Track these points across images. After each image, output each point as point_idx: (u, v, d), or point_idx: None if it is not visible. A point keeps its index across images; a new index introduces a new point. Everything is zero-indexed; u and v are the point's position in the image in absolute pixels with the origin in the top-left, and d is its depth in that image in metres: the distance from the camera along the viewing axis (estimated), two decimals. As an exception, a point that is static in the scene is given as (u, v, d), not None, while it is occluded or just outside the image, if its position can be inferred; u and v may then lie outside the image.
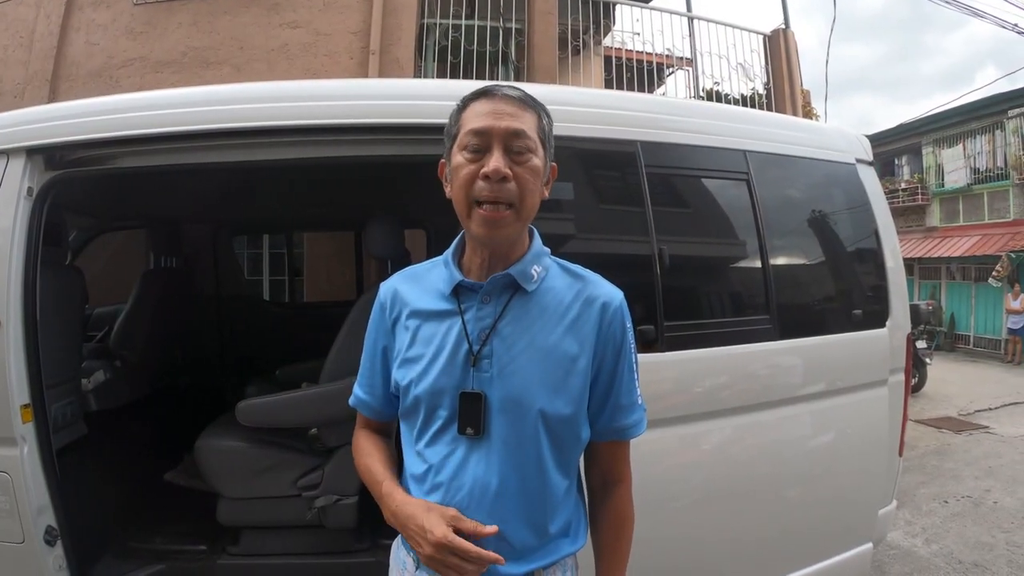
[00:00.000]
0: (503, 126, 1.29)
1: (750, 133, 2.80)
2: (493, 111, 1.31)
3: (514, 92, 1.34)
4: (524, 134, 1.30)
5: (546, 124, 1.38)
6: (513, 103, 1.32)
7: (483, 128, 1.29)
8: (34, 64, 6.69)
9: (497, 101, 1.32)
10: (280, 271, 7.72)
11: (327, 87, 2.69)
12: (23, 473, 2.24)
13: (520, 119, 1.31)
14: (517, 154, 1.30)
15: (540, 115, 1.37)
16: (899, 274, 3.15)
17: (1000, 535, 5.01)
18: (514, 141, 1.29)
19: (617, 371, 1.40)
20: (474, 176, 1.29)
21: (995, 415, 9.70)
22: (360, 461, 1.51)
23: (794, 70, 8.80)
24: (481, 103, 1.33)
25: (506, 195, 1.28)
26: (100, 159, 2.41)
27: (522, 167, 1.30)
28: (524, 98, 1.35)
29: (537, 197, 1.35)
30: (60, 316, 2.83)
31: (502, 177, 1.27)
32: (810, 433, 2.80)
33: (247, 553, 3.03)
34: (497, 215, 1.28)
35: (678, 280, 2.53)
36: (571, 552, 1.41)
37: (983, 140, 18.65)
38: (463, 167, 1.30)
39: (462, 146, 1.32)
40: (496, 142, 1.29)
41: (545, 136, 1.37)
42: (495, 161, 1.27)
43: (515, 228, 1.33)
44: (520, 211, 1.31)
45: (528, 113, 1.34)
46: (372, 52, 6.92)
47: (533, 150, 1.32)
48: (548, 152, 1.39)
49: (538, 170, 1.33)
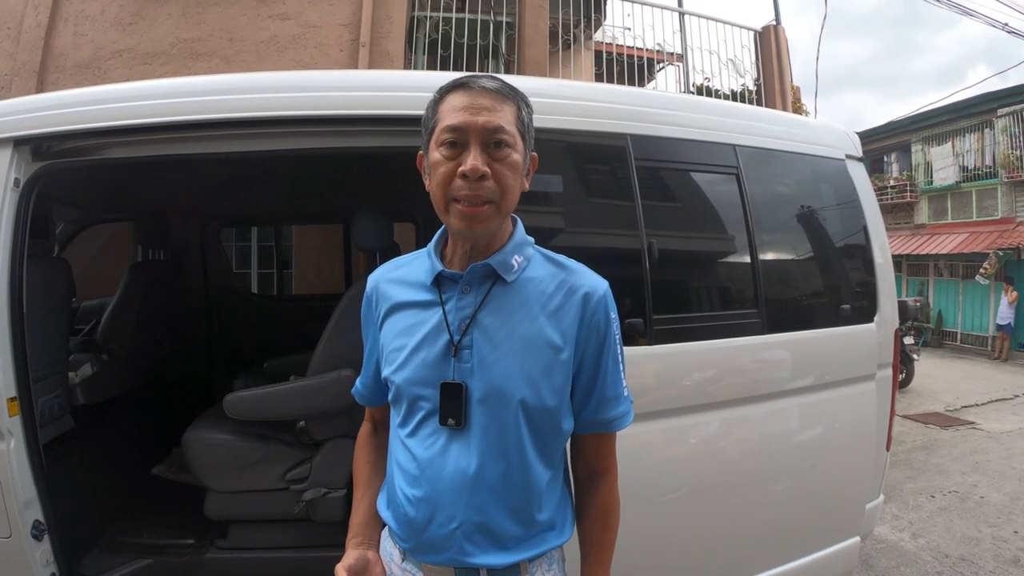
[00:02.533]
0: (480, 122, 1.26)
1: (740, 128, 2.80)
2: (470, 105, 1.28)
3: (491, 83, 1.31)
4: (502, 129, 1.28)
5: (525, 115, 1.35)
6: (490, 95, 1.30)
7: (459, 124, 1.26)
8: (22, 55, 6.62)
9: (474, 94, 1.29)
10: (268, 264, 7.68)
11: (316, 78, 2.68)
12: (9, 467, 2.22)
13: (498, 113, 1.28)
14: (496, 149, 1.28)
15: (519, 105, 1.34)
16: (887, 270, 3.17)
17: (986, 530, 5.06)
18: (492, 137, 1.27)
19: (601, 363, 1.39)
20: (452, 174, 1.26)
21: (982, 411, 9.78)
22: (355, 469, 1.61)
23: (784, 66, 8.82)
24: (458, 95, 1.30)
25: (485, 193, 1.26)
26: (88, 150, 2.39)
27: (501, 163, 1.28)
28: (502, 89, 1.32)
29: (517, 191, 1.33)
30: (47, 309, 2.81)
31: (480, 176, 1.25)
32: (798, 427, 2.81)
33: (235, 547, 3.02)
34: (476, 210, 1.27)
35: (667, 273, 2.53)
36: (557, 544, 1.40)
37: (972, 138, 18.71)
38: (440, 164, 1.28)
39: (439, 142, 1.29)
40: (473, 139, 1.26)
41: (524, 127, 1.35)
42: (472, 159, 1.25)
43: (495, 222, 1.31)
44: (500, 206, 1.29)
45: (506, 105, 1.31)
46: (362, 44, 6.89)
47: (512, 145, 1.29)
48: (528, 143, 1.36)
49: (517, 165, 1.31)
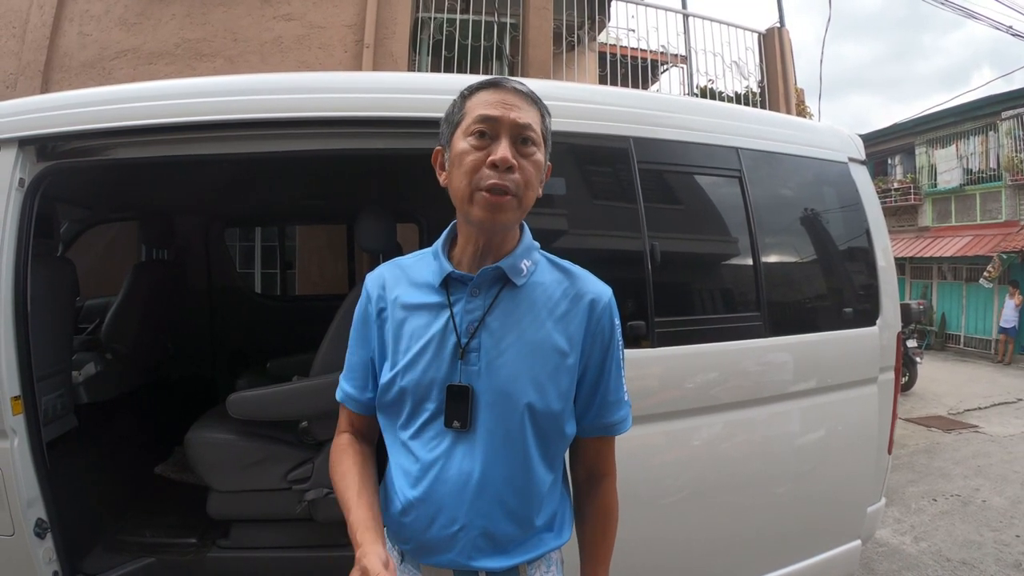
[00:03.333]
0: (513, 117, 1.29)
1: (743, 130, 2.81)
2: (502, 101, 1.30)
3: (521, 87, 1.34)
4: (531, 127, 1.30)
5: (548, 123, 1.39)
6: (521, 96, 1.32)
7: (494, 116, 1.28)
8: (26, 55, 6.63)
9: (505, 92, 1.32)
10: (272, 264, 7.71)
11: (321, 79, 2.69)
12: (13, 465, 2.23)
13: (528, 113, 1.31)
14: (523, 145, 1.30)
15: (543, 113, 1.37)
16: (890, 273, 3.17)
17: (988, 534, 5.04)
18: (522, 132, 1.30)
19: (605, 368, 1.40)
20: (480, 163, 1.28)
21: (985, 415, 9.76)
22: (336, 482, 1.43)
23: (788, 68, 8.81)
24: (489, 92, 1.32)
25: (511, 185, 1.27)
26: (92, 150, 2.40)
27: (527, 159, 1.30)
28: (530, 94, 1.34)
29: (536, 191, 1.34)
30: (51, 308, 2.82)
31: (509, 167, 1.26)
32: (800, 430, 2.81)
33: (237, 546, 3.03)
34: (501, 200, 1.27)
35: (669, 276, 2.54)
36: (556, 546, 1.41)
37: (976, 141, 18.66)
38: (468, 153, 1.29)
39: (468, 132, 1.30)
40: (505, 132, 1.28)
41: (547, 134, 1.38)
42: (503, 150, 1.26)
43: (515, 216, 1.32)
44: (522, 201, 1.31)
45: (533, 109, 1.34)
46: (366, 46, 6.89)
47: (537, 144, 1.32)
48: (547, 151, 1.39)
49: (540, 165, 1.34)
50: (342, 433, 1.54)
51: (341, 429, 1.55)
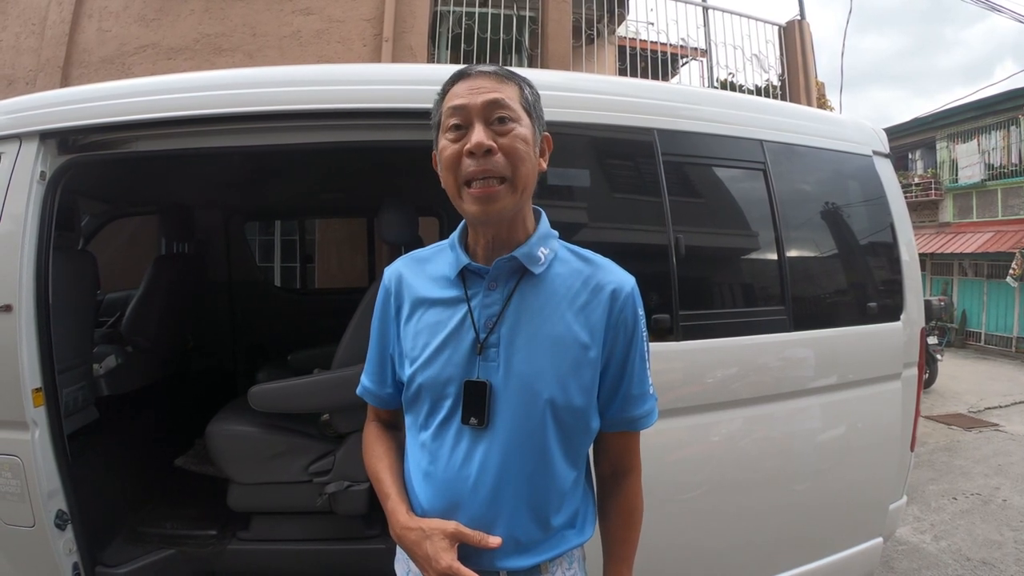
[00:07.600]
0: (480, 100, 1.26)
1: (767, 123, 2.78)
2: (470, 88, 1.28)
3: (489, 68, 1.32)
4: (502, 103, 1.26)
5: (529, 94, 1.34)
6: (489, 78, 1.30)
7: (461, 104, 1.26)
8: (46, 51, 6.68)
9: (473, 79, 1.30)
10: (292, 257, 7.73)
11: (341, 71, 2.67)
12: (34, 457, 2.24)
13: (498, 91, 1.28)
14: (500, 124, 1.26)
15: (521, 86, 1.33)
16: (914, 268, 3.13)
17: (1009, 533, 4.99)
18: (494, 112, 1.26)
19: (628, 360, 1.36)
20: (459, 155, 1.26)
21: (1005, 413, 9.65)
22: (369, 464, 1.48)
23: (809, 62, 8.72)
24: (459, 85, 1.30)
25: (495, 169, 1.24)
26: (113, 143, 2.40)
27: (506, 137, 1.26)
28: (500, 72, 1.32)
29: (530, 165, 1.30)
30: (72, 301, 2.84)
31: (486, 150, 1.23)
32: (822, 426, 2.79)
33: (257, 538, 3.04)
34: (488, 190, 1.24)
35: (694, 269, 2.52)
36: (578, 544, 1.38)
37: (998, 136, 18.40)
38: (447, 148, 1.28)
39: (445, 128, 1.29)
40: (476, 117, 1.26)
41: (529, 105, 1.33)
42: (476, 135, 1.24)
43: (510, 201, 1.28)
44: (514, 182, 1.27)
45: (506, 85, 1.30)
46: (385, 39, 6.88)
47: (515, 119, 1.28)
48: (537, 121, 1.34)
49: (525, 137, 1.28)
50: (370, 422, 1.56)
51: (370, 419, 1.57)
